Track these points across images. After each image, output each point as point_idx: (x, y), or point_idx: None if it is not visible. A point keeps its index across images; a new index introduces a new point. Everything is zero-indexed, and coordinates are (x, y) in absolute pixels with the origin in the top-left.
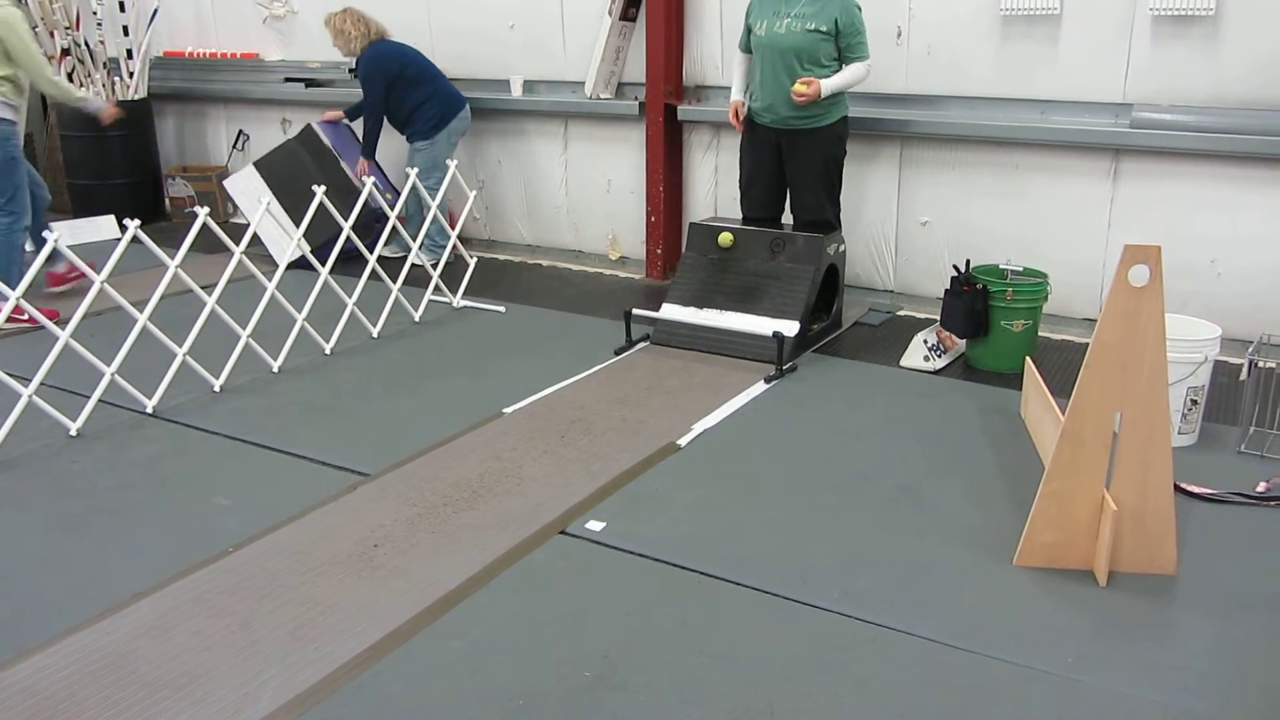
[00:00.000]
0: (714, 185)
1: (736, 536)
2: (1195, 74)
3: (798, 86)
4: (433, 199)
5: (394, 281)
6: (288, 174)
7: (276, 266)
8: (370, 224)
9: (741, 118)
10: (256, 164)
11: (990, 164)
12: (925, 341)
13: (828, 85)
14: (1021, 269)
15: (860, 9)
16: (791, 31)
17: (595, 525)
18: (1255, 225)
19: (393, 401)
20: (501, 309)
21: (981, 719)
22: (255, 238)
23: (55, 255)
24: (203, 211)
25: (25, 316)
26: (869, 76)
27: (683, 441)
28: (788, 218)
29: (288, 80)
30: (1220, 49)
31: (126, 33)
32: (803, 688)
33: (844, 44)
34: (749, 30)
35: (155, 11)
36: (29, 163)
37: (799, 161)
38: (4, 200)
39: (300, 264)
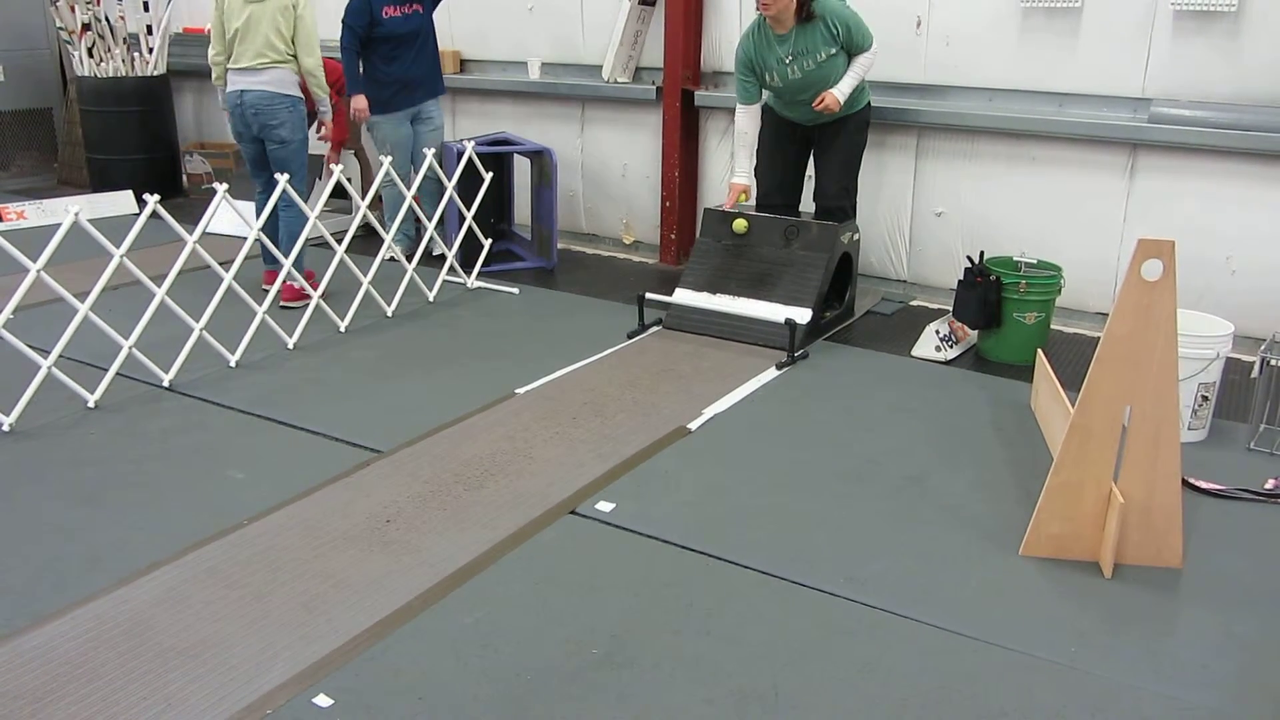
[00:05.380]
0: (729, 171)
1: (744, 520)
2: (1216, 70)
3: (821, 104)
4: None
5: (409, 261)
6: None
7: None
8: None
9: (740, 203)
10: None
11: (1007, 156)
12: (937, 332)
13: (843, 92)
14: (1035, 261)
15: (844, 2)
16: (807, 71)
17: (605, 506)
18: (1271, 223)
19: (406, 380)
20: (515, 290)
21: (984, 705)
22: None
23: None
24: (221, 188)
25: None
26: (878, 57)
27: (693, 425)
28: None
29: None
30: (1242, 46)
31: (147, 8)
32: (807, 670)
33: (849, 46)
34: (759, 81)
35: None
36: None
37: (827, 148)
38: (300, 186)
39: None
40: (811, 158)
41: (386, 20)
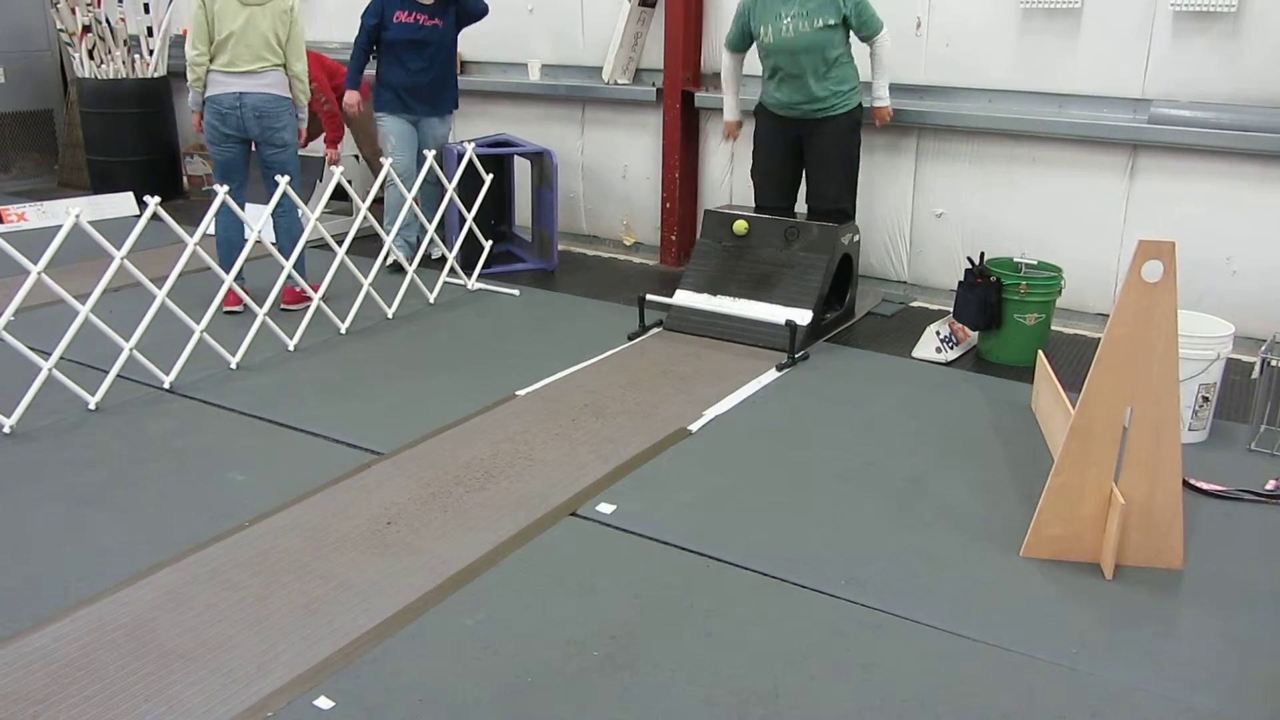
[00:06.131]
0: (729, 173)
1: (745, 522)
2: (1215, 71)
3: (880, 120)
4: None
5: (409, 264)
6: None
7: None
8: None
9: (736, 137)
10: None
11: (1007, 157)
12: (938, 333)
13: (883, 97)
14: (1036, 262)
15: None
16: (800, 32)
17: (606, 508)
18: (1272, 224)
19: (406, 381)
20: (515, 292)
21: (985, 707)
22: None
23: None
24: (222, 190)
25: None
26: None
27: (694, 427)
28: (801, 206)
29: None
30: (1241, 46)
31: (147, 10)
32: (808, 671)
33: (858, 25)
34: (750, 34)
35: None
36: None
37: (820, 150)
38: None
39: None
40: (808, 161)
41: (394, 25)
